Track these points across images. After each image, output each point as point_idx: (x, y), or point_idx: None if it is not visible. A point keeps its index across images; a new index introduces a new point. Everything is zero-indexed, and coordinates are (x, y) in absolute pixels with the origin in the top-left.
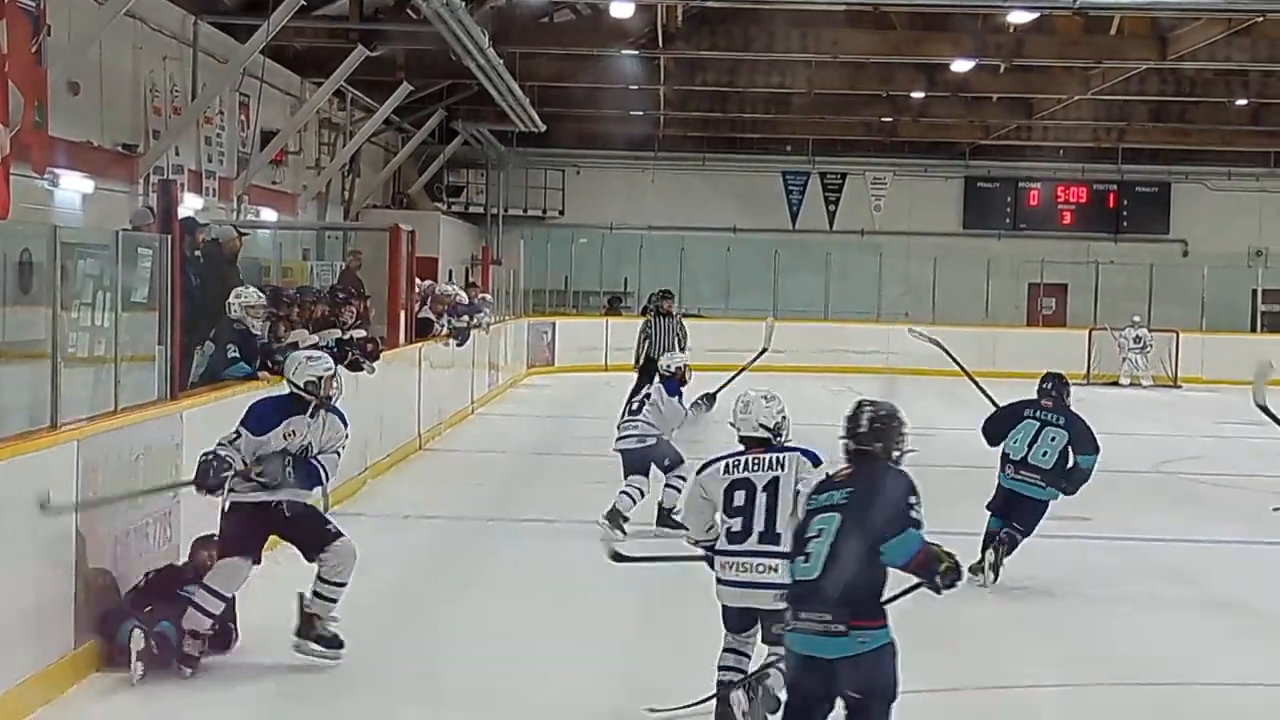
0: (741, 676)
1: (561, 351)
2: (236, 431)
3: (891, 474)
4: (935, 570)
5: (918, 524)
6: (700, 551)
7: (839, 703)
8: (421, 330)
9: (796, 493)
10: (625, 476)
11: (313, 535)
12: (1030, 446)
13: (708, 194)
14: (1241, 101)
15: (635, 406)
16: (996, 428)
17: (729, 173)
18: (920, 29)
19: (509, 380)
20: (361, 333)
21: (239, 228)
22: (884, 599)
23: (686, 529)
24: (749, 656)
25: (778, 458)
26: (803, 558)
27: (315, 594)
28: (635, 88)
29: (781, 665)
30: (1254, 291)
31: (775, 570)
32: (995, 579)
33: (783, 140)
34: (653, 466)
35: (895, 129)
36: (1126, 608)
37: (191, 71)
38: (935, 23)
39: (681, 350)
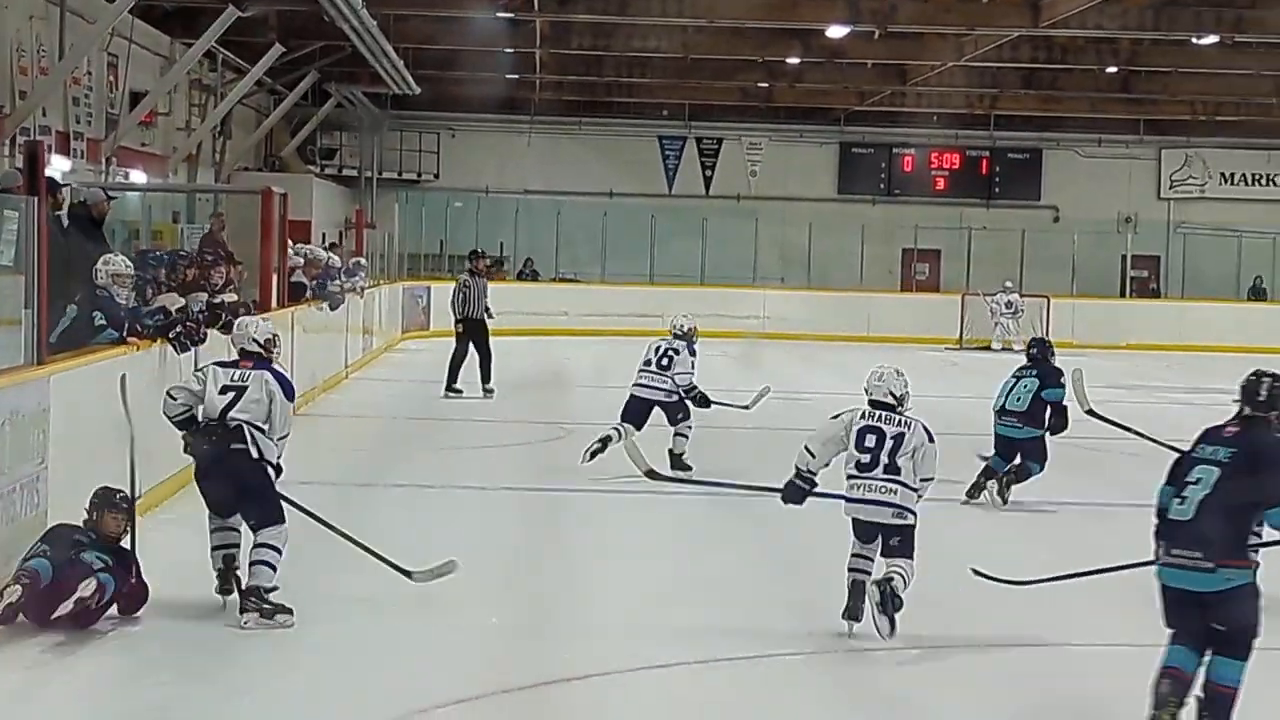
0: (868, 577)
1: (437, 315)
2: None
3: (1273, 439)
4: None
5: None
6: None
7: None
8: (294, 294)
9: (912, 452)
10: (623, 419)
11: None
12: (1005, 396)
13: (584, 158)
14: (1112, 69)
15: (664, 361)
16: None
17: (605, 137)
18: None
19: (384, 345)
20: (232, 296)
21: (107, 190)
22: (1251, 544)
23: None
24: (873, 561)
25: (907, 421)
26: (1179, 500)
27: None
28: (510, 50)
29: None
30: (1123, 257)
31: (895, 492)
32: (1004, 503)
33: (659, 105)
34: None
35: (771, 94)
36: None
37: (59, 31)
38: None
39: (487, 310)
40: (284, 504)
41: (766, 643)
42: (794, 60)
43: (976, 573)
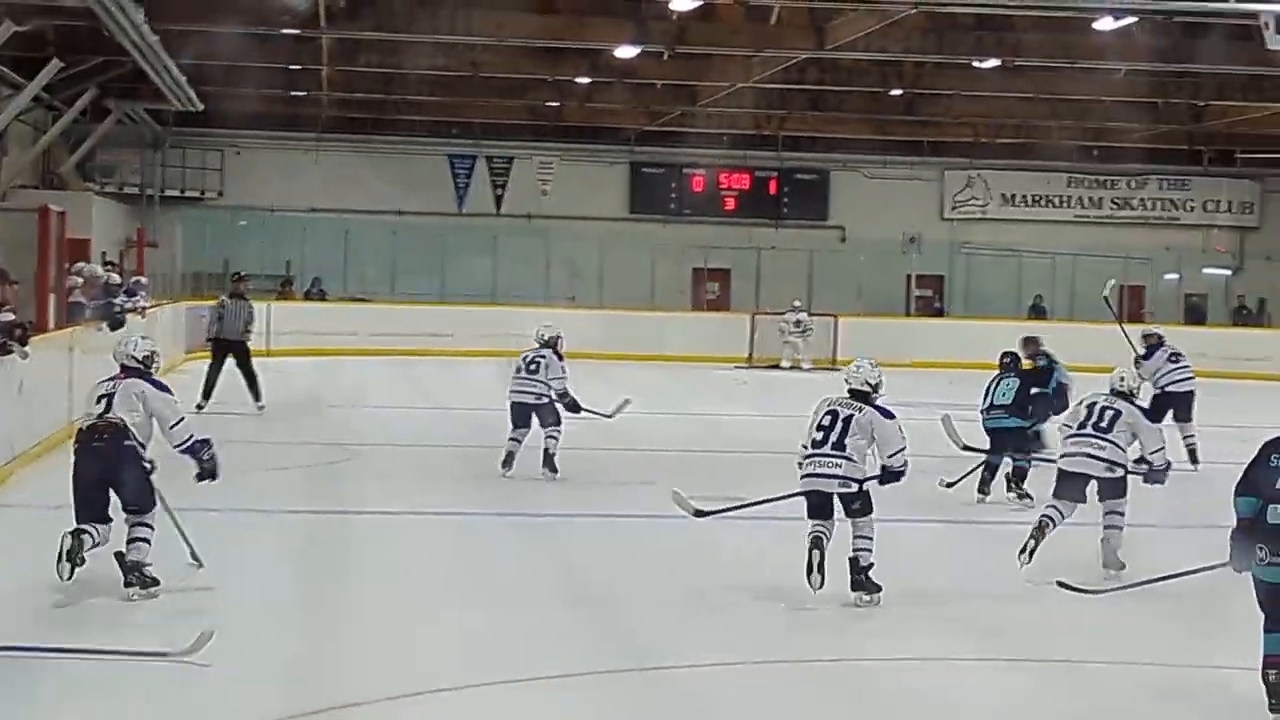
0: (826, 540)
1: (206, 339)
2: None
3: None
4: None
5: None
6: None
7: None
8: (72, 314)
9: (871, 434)
10: (514, 427)
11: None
12: (989, 395)
13: (373, 176)
14: (895, 92)
15: (532, 367)
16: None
17: (394, 155)
18: (584, 14)
19: (166, 365)
20: (9, 316)
21: None
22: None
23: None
24: (829, 532)
25: (861, 406)
26: (1276, 507)
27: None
28: (296, 67)
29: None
30: (908, 276)
31: (839, 466)
32: (1029, 498)
33: (448, 123)
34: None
35: (561, 113)
36: (794, 585)
37: None
38: (599, 7)
39: (247, 331)
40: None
41: (557, 663)
42: (584, 79)
43: (1062, 584)
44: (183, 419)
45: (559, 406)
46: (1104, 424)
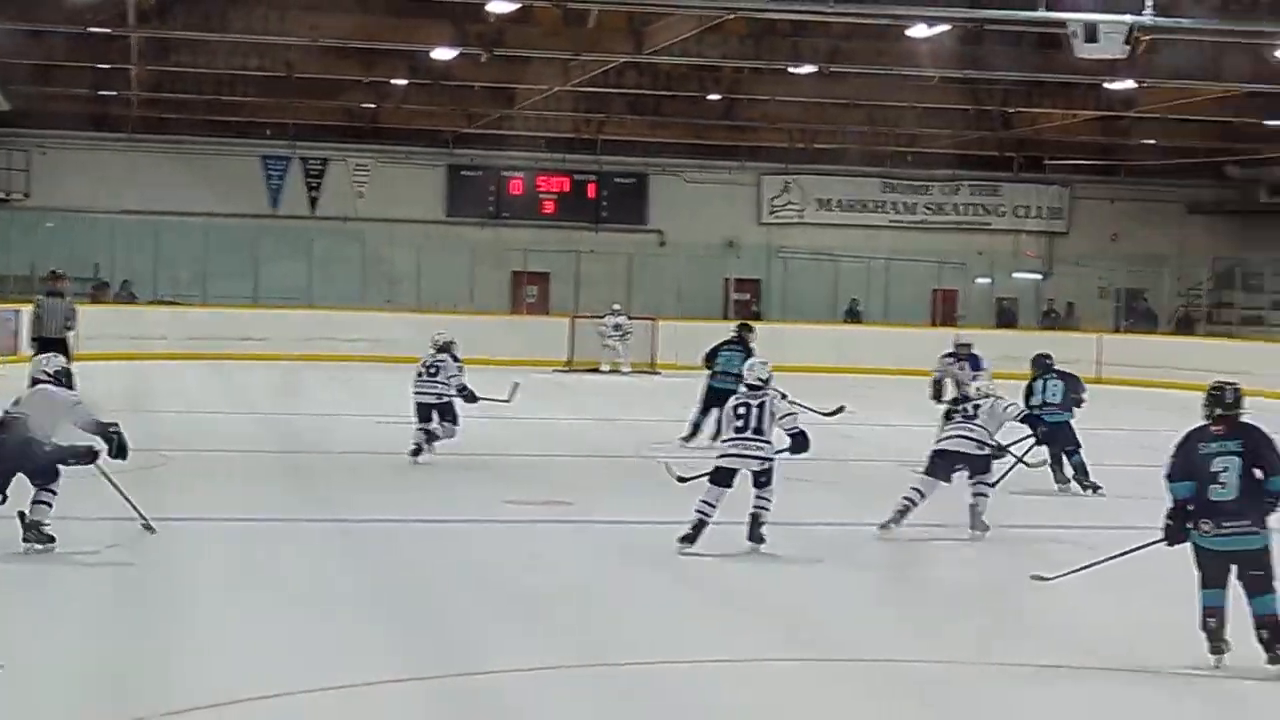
0: (708, 518)
1: (28, 339)
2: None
3: (1257, 428)
4: None
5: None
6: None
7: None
8: None
9: (771, 412)
10: (419, 422)
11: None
12: (1042, 394)
13: (185, 178)
14: (714, 97)
15: (432, 370)
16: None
17: (206, 156)
18: (401, 15)
19: None
20: None
21: None
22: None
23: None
24: (716, 507)
25: (764, 393)
26: (1218, 486)
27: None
28: (105, 66)
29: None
30: (726, 280)
31: (761, 448)
32: (1096, 486)
33: (262, 124)
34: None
35: (378, 115)
36: (608, 589)
37: None
38: (417, 9)
39: (67, 327)
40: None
41: (376, 669)
42: (400, 81)
43: (1036, 577)
44: (82, 403)
45: (456, 405)
46: (971, 413)
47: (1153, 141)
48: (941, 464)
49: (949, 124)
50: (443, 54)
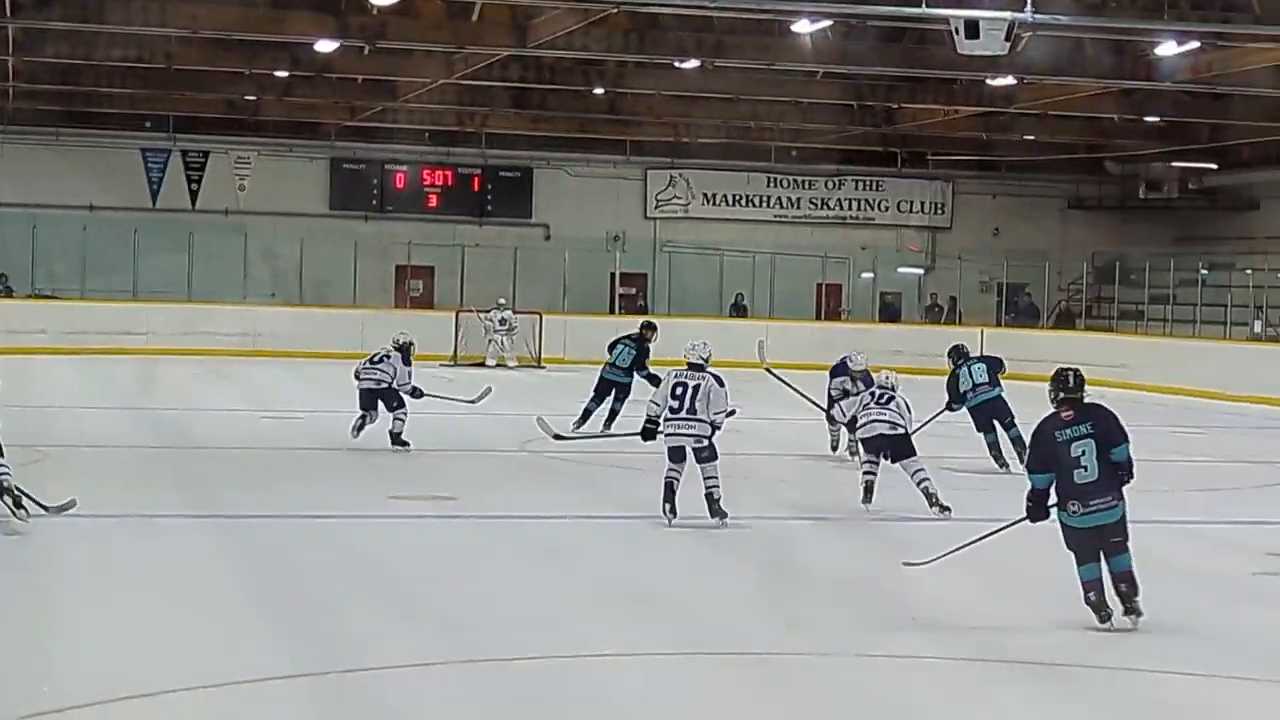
0: (678, 482)
1: None
2: None
3: (1103, 407)
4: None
5: (1127, 437)
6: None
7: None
8: None
9: (708, 395)
10: (361, 409)
11: None
12: (971, 378)
13: (62, 170)
14: (598, 90)
15: (375, 359)
16: (949, 387)
17: (85, 148)
18: (283, 7)
19: None
20: None
21: None
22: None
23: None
24: (681, 472)
25: (702, 376)
26: (1081, 470)
27: None
28: None
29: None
30: (612, 275)
31: (694, 426)
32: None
33: (142, 116)
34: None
35: (259, 108)
36: (494, 584)
37: None
38: (298, 1)
39: None
40: None
41: (252, 666)
42: (282, 74)
43: (908, 564)
44: None
45: (404, 393)
46: (884, 400)
47: (1033, 137)
48: (869, 448)
49: (833, 119)
50: (325, 46)
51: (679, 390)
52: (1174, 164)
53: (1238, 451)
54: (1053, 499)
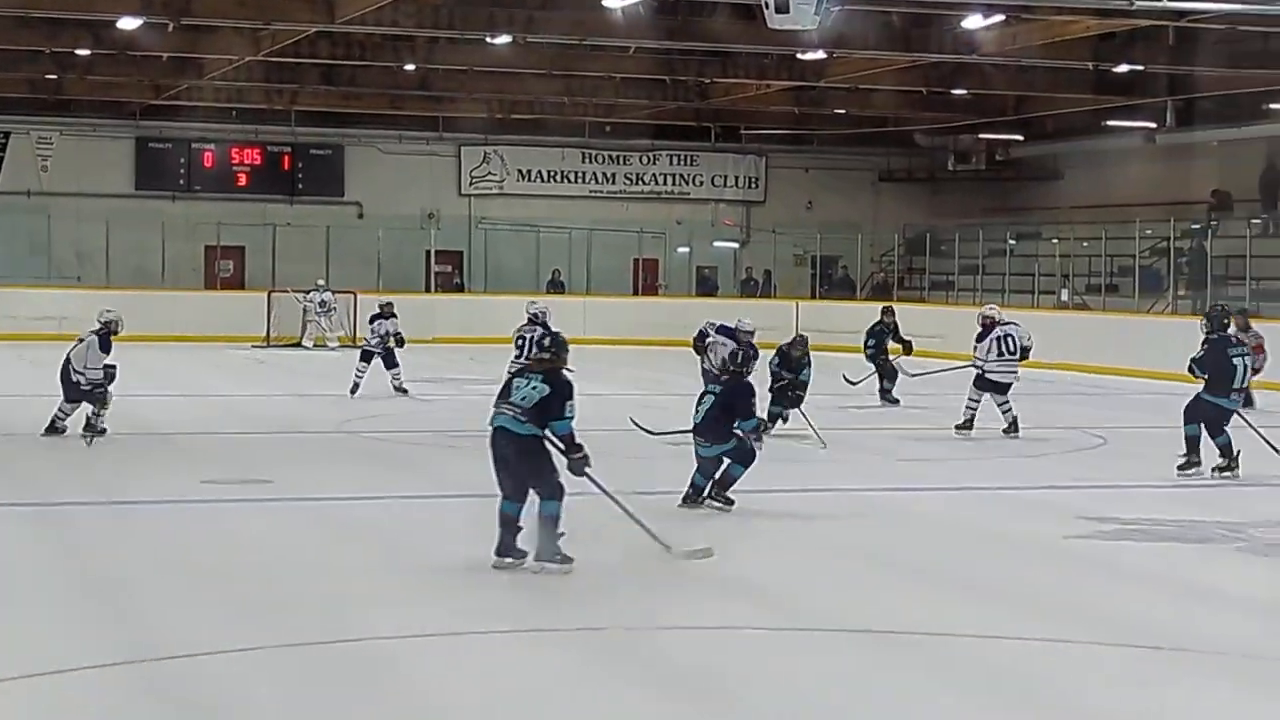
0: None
1: None
2: None
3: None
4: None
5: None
6: None
7: None
8: None
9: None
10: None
11: None
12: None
13: None
14: (410, 67)
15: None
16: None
17: None
18: None
19: None
20: None
21: None
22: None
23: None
24: None
25: (534, 328)
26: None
27: None
28: None
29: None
30: (427, 252)
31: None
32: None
33: None
34: None
35: (61, 87)
36: (308, 567)
37: None
38: None
39: None
40: None
41: (69, 655)
42: (85, 52)
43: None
44: None
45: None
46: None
47: (844, 111)
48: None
49: (647, 94)
50: (128, 23)
51: (520, 341)
52: (981, 136)
53: (1047, 418)
54: None
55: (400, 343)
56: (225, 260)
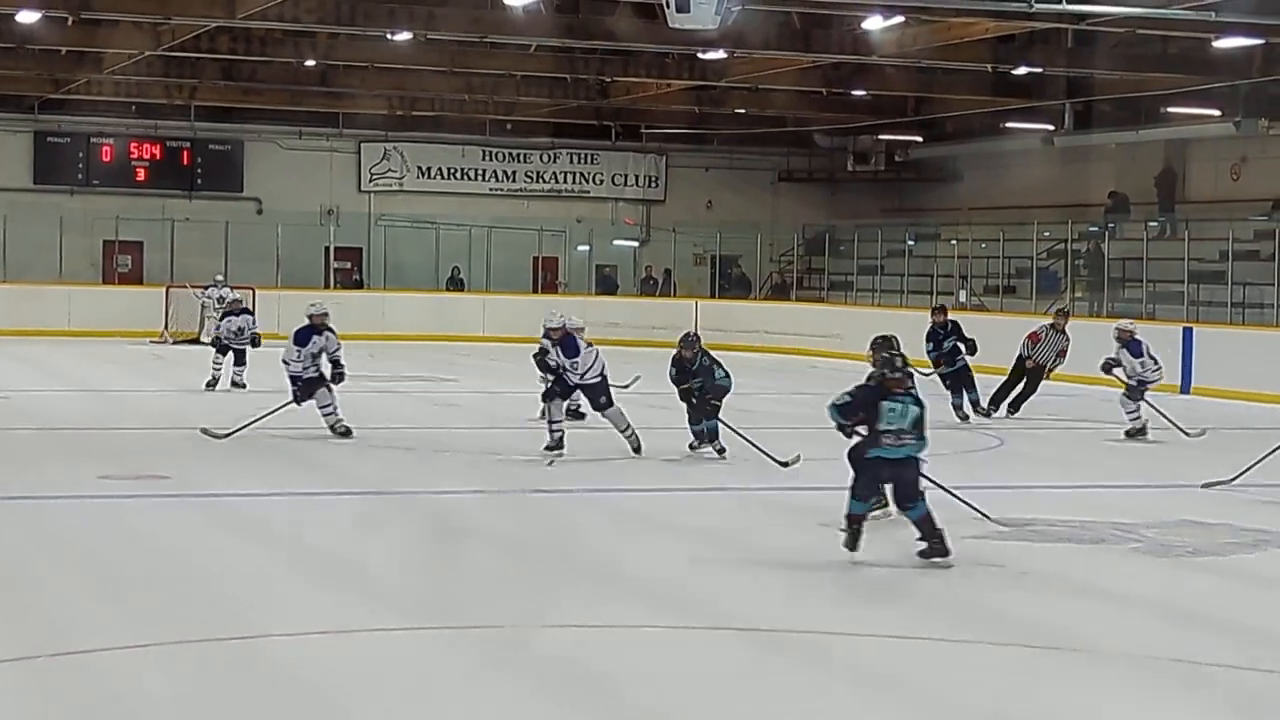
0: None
1: None
2: None
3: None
4: None
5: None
6: None
7: None
8: None
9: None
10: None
11: None
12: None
13: None
14: (310, 63)
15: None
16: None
17: None
18: None
19: None
20: None
21: None
22: None
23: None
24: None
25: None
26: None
27: None
28: None
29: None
30: (327, 249)
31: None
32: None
33: None
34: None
35: None
36: (207, 563)
37: None
38: None
39: None
40: None
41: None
42: None
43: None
44: None
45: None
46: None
47: (744, 111)
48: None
49: (547, 92)
50: (27, 16)
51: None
52: (880, 137)
53: (944, 417)
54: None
55: (256, 343)
56: (124, 255)
